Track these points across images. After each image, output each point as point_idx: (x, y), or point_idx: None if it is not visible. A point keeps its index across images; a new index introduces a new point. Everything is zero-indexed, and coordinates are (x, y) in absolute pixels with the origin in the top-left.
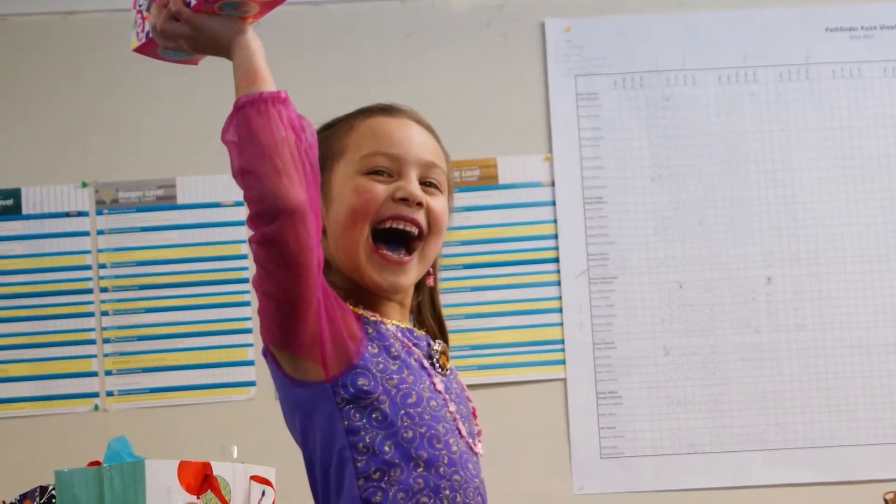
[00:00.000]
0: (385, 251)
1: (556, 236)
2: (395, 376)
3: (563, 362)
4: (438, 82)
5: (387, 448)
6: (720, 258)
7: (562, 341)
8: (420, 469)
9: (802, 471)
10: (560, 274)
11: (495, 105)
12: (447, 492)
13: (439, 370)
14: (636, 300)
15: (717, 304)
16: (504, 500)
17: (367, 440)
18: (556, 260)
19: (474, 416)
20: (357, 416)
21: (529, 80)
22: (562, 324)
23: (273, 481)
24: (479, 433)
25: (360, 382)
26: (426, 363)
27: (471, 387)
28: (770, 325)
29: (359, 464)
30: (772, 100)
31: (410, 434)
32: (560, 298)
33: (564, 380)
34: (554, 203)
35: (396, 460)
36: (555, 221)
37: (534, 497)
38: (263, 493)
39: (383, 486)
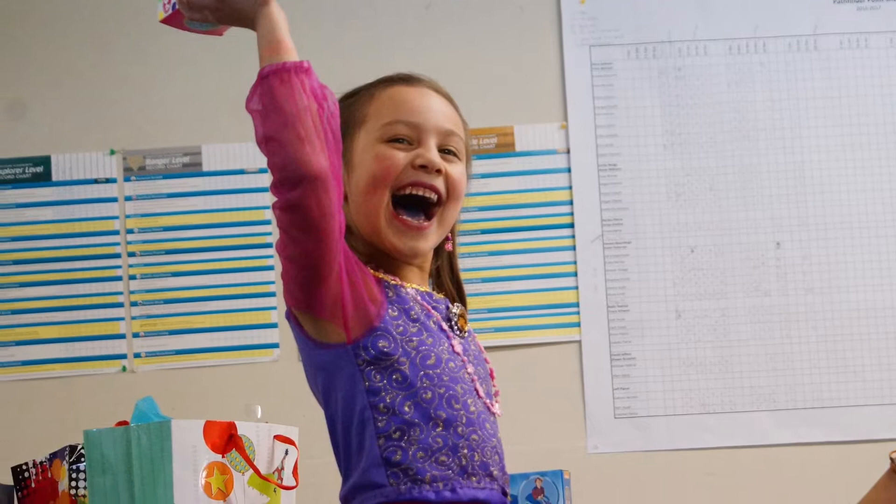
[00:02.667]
0: (405, 216)
1: (571, 202)
2: (414, 338)
3: (577, 325)
4: (457, 53)
5: (406, 408)
6: (731, 223)
7: (577, 304)
8: (439, 429)
9: (811, 430)
10: (575, 239)
11: (512, 75)
12: (465, 451)
13: (458, 332)
14: (649, 264)
15: (727, 268)
16: (520, 458)
17: (388, 400)
18: (572, 225)
19: (492, 377)
20: (378, 377)
21: (545, 50)
22: (577, 287)
23: (296, 440)
24: (496, 394)
25: (380, 344)
26: (445, 326)
27: (488, 349)
28: (779, 289)
29: (379, 423)
30: (781, 69)
31: (430, 395)
32: (575, 263)
33: (579, 342)
34: (569, 170)
35: (416, 420)
36: (570, 188)
37: (549, 455)
38: (287, 452)
39: (403, 445)
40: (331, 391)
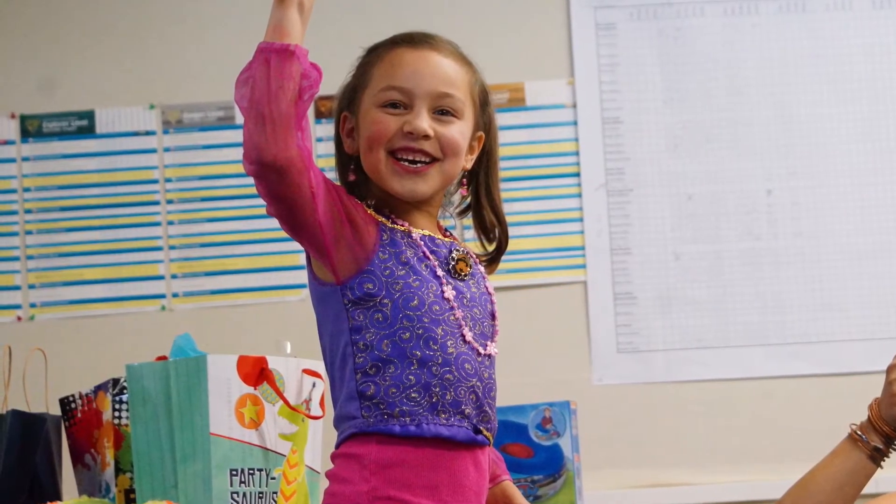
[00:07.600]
0: (404, 162)
1: (577, 153)
2: (400, 281)
3: (583, 266)
4: (472, 14)
5: (384, 346)
6: (725, 173)
7: (583, 248)
8: (413, 367)
9: (799, 363)
10: (581, 187)
11: (523, 34)
12: (437, 389)
13: (454, 277)
14: (649, 210)
15: (721, 213)
16: (531, 389)
17: (368, 338)
18: (578, 174)
19: (494, 318)
20: (361, 316)
21: (553, 12)
22: (583, 232)
23: (323, 374)
24: (494, 334)
25: (366, 286)
26: (440, 271)
27: (502, 289)
28: (770, 233)
29: (358, 359)
30: (772, 30)
31: (408, 335)
32: (581, 209)
33: (585, 282)
34: (576, 123)
35: (392, 358)
36: (576, 140)
37: (557, 387)
38: (314, 385)
39: (377, 380)
40: (323, 326)
